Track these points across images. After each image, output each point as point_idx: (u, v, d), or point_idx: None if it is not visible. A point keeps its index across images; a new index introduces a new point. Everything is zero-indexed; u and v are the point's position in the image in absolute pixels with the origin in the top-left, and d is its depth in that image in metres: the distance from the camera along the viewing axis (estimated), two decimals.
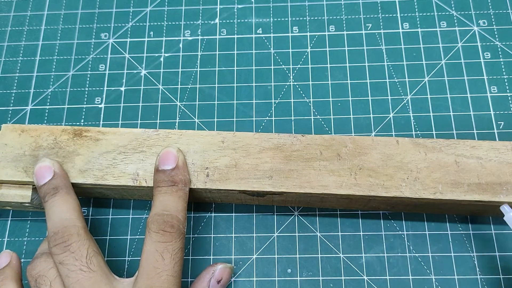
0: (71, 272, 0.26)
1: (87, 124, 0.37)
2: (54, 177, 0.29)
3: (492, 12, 0.39)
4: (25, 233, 0.34)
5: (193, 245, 0.33)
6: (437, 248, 0.32)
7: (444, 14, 0.40)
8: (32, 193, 0.30)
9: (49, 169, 0.29)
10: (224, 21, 0.41)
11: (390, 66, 0.38)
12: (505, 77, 0.37)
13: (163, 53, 0.39)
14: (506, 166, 0.29)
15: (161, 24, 0.41)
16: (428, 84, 0.37)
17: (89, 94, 0.38)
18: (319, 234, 0.33)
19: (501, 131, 0.35)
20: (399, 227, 0.33)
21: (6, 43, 0.40)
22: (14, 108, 0.38)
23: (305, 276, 0.32)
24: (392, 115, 0.36)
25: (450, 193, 0.28)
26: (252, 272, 0.32)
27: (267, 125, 0.36)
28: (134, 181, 0.30)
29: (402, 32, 0.39)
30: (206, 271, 0.30)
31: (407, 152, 0.30)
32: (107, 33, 0.40)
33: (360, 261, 0.32)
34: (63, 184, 0.29)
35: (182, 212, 0.28)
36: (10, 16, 0.42)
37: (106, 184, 0.30)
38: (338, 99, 0.37)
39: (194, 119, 0.37)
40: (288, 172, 0.29)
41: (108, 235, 0.34)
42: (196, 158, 0.30)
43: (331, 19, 0.40)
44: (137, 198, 0.34)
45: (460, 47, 0.38)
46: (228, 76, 0.38)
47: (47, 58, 0.40)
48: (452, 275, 0.31)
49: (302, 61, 0.39)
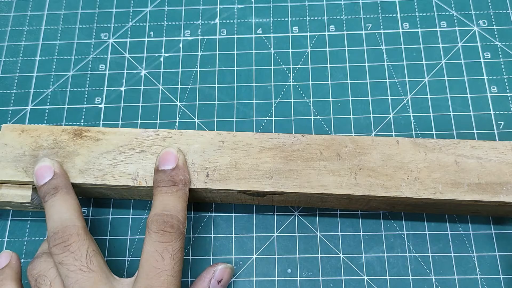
0: (71, 272, 0.26)
1: (87, 124, 0.37)
2: (54, 177, 0.29)
3: (492, 12, 0.39)
4: (25, 233, 0.34)
5: (193, 245, 0.33)
6: (437, 248, 0.32)
7: (444, 14, 0.40)
8: (32, 193, 0.30)
9: (49, 169, 0.29)
10: (224, 21, 0.41)
11: (390, 66, 0.38)
12: (505, 77, 0.37)
13: (163, 53, 0.39)
14: (506, 166, 0.29)
15: (161, 24, 0.41)
16: (428, 84, 0.37)
17: (89, 94, 0.38)
18: (319, 234, 0.33)
19: (501, 131, 0.35)
20: (399, 227, 0.33)
21: (6, 43, 0.40)
22: (14, 108, 0.38)
23: (305, 276, 0.32)
24: (392, 115, 0.36)
25: (450, 193, 0.28)
26: (252, 272, 0.32)
27: (267, 125, 0.36)
28: (134, 181, 0.30)
29: (402, 32, 0.39)
30: (207, 271, 0.30)
31: (407, 152, 0.30)
32: (107, 33, 0.40)
33: (360, 261, 0.32)
34: (63, 184, 0.29)
35: (182, 212, 0.28)
36: (10, 16, 0.42)
37: (106, 184, 0.30)
38: (338, 99, 0.37)
39: (194, 119, 0.37)
40: (288, 172, 0.29)
41: (108, 235, 0.34)
42: (196, 158, 0.30)
43: (331, 19, 0.40)
44: (137, 198, 0.34)
45: (460, 47, 0.38)
46: (228, 76, 0.38)
47: (47, 58, 0.40)
48: (452, 275, 0.31)
49: (302, 61, 0.39)
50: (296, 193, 0.29)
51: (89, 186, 0.30)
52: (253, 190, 0.29)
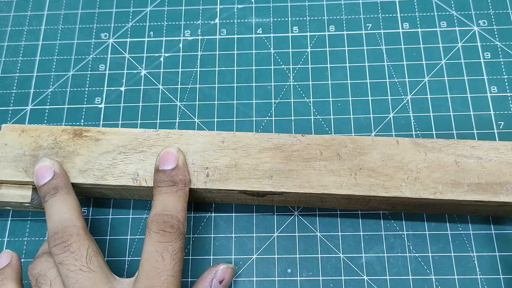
0: (71, 272, 0.26)
1: (87, 124, 0.37)
2: (54, 177, 0.29)
3: (492, 12, 0.39)
4: (25, 233, 0.34)
5: (193, 245, 0.33)
6: (437, 248, 0.32)
7: (444, 14, 0.40)
8: (32, 193, 0.30)
9: (49, 169, 0.29)
10: (224, 21, 0.41)
11: (390, 66, 0.38)
12: (505, 77, 0.37)
13: (163, 53, 0.39)
14: (506, 166, 0.29)
15: (161, 24, 0.41)
16: (428, 84, 0.37)
17: (89, 94, 0.38)
18: (319, 234, 0.33)
19: (501, 131, 0.35)
20: (399, 227, 0.33)
21: (6, 43, 0.40)
22: (14, 108, 0.38)
23: (305, 276, 0.32)
24: (392, 115, 0.36)
25: (450, 193, 0.28)
26: (252, 272, 0.32)
27: (267, 125, 0.36)
28: (134, 181, 0.30)
29: (402, 32, 0.39)
30: (208, 271, 0.30)
31: (407, 152, 0.30)
32: (107, 33, 0.40)
33: (360, 261, 0.32)
34: (63, 184, 0.29)
35: (182, 212, 0.28)
36: (10, 16, 0.42)
37: (106, 184, 0.30)
38: (338, 99, 0.37)
39: (194, 119, 0.37)
40: (288, 172, 0.29)
41: (108, 235, 0.34)
42: (196, 158, 0.30)
43: (331, 19, 0.40)
44: (137, 198, 0.34)
45: (460, 47, 0.38)
46: (228, 76, 0.38)
47: (47, 58, 0.40)
48: (452, 275, 0.31)
49: (302, 61, 0.39)
50: (296, 193, 0.29)
51: (89, 186, 0.30)
52: (253, 190, 0.29)
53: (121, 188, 0.30)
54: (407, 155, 0.30)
